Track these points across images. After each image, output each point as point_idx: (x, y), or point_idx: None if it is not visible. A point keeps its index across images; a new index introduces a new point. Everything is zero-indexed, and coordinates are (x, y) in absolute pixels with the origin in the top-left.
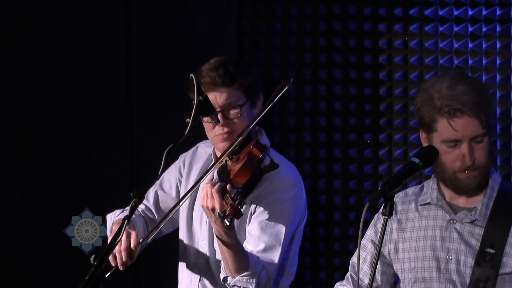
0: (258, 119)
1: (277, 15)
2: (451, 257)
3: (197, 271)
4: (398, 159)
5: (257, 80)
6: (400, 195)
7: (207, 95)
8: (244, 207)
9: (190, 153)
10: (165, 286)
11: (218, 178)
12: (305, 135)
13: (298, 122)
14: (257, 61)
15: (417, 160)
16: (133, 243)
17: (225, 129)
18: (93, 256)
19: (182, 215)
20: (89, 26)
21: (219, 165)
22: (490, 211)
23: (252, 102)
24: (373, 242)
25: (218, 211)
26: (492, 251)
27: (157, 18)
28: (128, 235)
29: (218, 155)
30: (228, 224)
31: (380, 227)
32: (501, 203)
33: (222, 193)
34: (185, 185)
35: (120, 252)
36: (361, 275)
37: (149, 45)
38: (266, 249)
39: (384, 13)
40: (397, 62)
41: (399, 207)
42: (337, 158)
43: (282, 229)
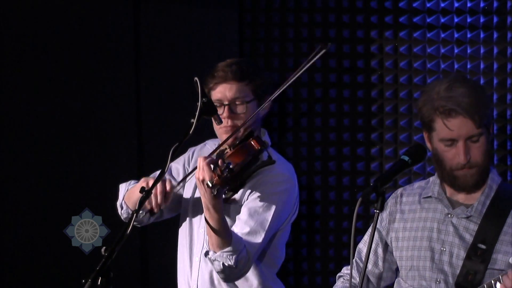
0: (285, 87)
1: (275, 22)
2: (445, 249)
3: (196, 258)
4: (389, 157)
5: (268, 83)
6: (407, 188)
7: (210, 98)
8: (238, 195)
9: (198, 147)
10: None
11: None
12: (302, 135)
13: (295, 122)
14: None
15: (406, 158)
16: (168, 186)
17: (229, 122)
18: (104, 248)
19: (184, 206)
20: (99, 29)
21: (219, 151)
22: (486, 209)
23: (260, 102)
24: (377, 229)
25: (207, 181)
26: (483, 246)
27: (164, 24)
28: (164, 181)
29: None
30: (215, 194)
31: (385, 216)
32: (497, 202)
33: (213, 165)
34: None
35: (156, 195)
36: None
37: (156, 48)
38: (250, 233)
39: (375, 20)
40: (388, 66)
41: (404, 198)
42: (332, 156)
43: (269, 218)
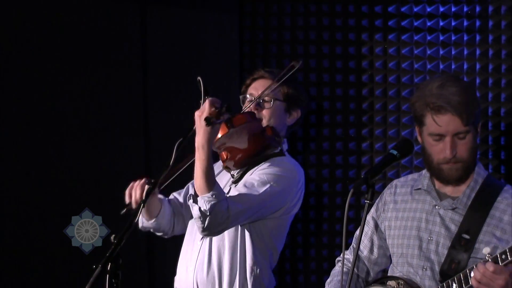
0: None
1: (273, 26)
2: (432, 238)
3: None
4: (379, 151)
5: (300, 96)
6: (402, 180)
7: (212, 96)
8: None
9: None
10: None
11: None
12: (298, 130)
13: None
14: (255, 66)
15: (395, 152)
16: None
17: (256, 113)
18: (113, 235)
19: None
20: (109, 32)
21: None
22: (471, 202)
23: (288, 107)
24: (372, 218)
25: (205, 115)
26: (467, 237)
27: (170, 27)
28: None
29: None
30: (208, 125)
31: (380, 205)
32: (481, 195)
33: (213, 103)
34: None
35: (135, 189)
36: (361, 247)
37: (162, 49)
38: (237, 196)
39: (366, 24)
40: (378, 66)
41: (398, 189)
42: (325, 150)
43: (260, 191)
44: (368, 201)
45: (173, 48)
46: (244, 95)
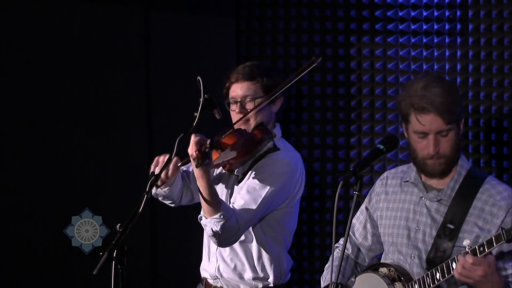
0: (281, 91)
1: (268, 29)
2: (419, 228)
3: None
4: (366, 146)
5: (277, 81)
6: (392, 172)
7: (210, 95)
8: (245, 178)
9: None
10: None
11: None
12: (290, 127)
13: (285, 116)
14: None
15: (381, 147)
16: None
17: (238, 117)
18: (119, 224)
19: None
20: (114, 32)
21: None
22: (455, 193)
23: (270, 99)
24: (366, 208)
25: (194, 156)
26: (451, 226)
27: (172, 29)
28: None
29: None
30: (198, 166)
31: (373, 196)
32: (465, 187)
33: (199, 143)
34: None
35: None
36: (357, 234)
37: (164, 51)
38: (243, 206)
39: (354, 27)
40: (365, 67)
41: (389, 181)
42: (317, 145)
43: (263, 194)
44: (356, 192)
45: (175, 49)
46: (227, 101)
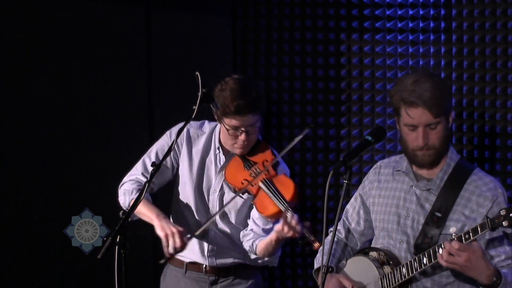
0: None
1: (262, 27)
2: (409, 215)
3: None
4: (355, 137)
5: (264, 99)
6: (385, 161)
7: (209, 89)
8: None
9: (183, 135)
10: None
11: (265, 187)
12: (284, 119)
13: (279, 108)
14: (247, 62)
15: (370, 138)
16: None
17: (245, 142)
18: (122, 211)
19: (189, 188)
20: (117, 31)
21: (262, 175)
22: (443, 184)
23: (262, 117)
24: (360, 194)
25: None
26: (439, 214)
27: (171, 27)
28: (180, 233)
29: (226, 148)
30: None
31: (367, 183)
32: (453, 178)
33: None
34: (185, 159)
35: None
36: (350, 219)
37: (165, 48)
38: (270, 229)
39: (344, 25)
40: (355, 62)
41: (382, 170)
42: (308, 136)
43: None
44: (346, 181)
45: (175, 46)
46: (227, 126)
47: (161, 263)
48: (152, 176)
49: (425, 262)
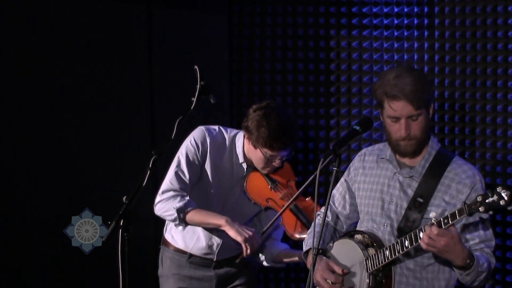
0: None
1: (257, 24)
2: (392, 200)
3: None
4: (344, 127)
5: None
6: (370, 149)
7: (206, 82)
8: None
9: (212, 142)
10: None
11: (295, 211)
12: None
13: (272, 99)
14: (242, 56)
15: (357, 128)
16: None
17: (274, 166)
18: (125, 197)
19: (209, 185)
20: (120, 27)
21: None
22: (425, 171)
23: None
24: (346, 180)
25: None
26: (421, 200)
27: (172, 24)
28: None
29: (249, 161)
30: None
31: (352, 170)
32: (434, 165)
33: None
34: (208, 164)
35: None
36: (336, 204)
37: (165, 45)
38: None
39: (334, 22)
40: (343, 57)
41: (366, 157)
42: (300, 126)
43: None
44: (335, 168)
45: (175, 42)
46: (271, 153)
47: (237, 262)
48: (153, 164)
49: (407, 245)
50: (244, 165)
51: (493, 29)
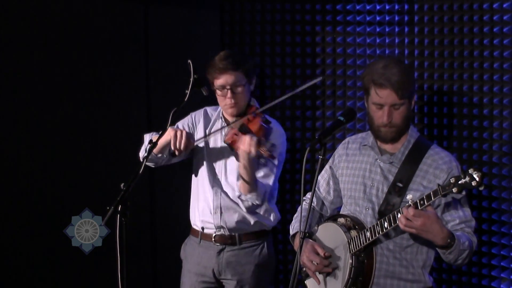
0: (283, 99)
1: (247, 20)
2: (373, 185)
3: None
4: (329, 118)
5: (253, 66)
6: (353, 137)
7: (199, 75)
8: None
9: (200, 112)
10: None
11: (240, 132)
12: (266, 102)
13: (261, 92)
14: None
15: (342, 118)
16: (192, 140)
17: (232, 101)
18: (123, 184)
19: (202, 155)
20: (116, 25)
21: (237, 123)
22: (404, 158)
23: (250, 82)
24: (330, 167)
25: (253, 153)
26: (400, 185)
27: (166, 21)
28: (188, 134)
29: (226, 117)
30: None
31: (336, 157)
32: (413, 152)
33: (259, 143)
34: (200, 133)
35: (180, 142)
36: (321, 189)
37: (161, 38)
38: (263, 176)
39: (319, 19)
40: (328, 52)
41: (349, 145)
42: (288, 117)
43: (275, 163)
44: (321, 156)
45: (170, 37)
46: (213, 87)
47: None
48: (149, 152)
49: (386, 226)
50: (221, 119)
51: (469, 25)
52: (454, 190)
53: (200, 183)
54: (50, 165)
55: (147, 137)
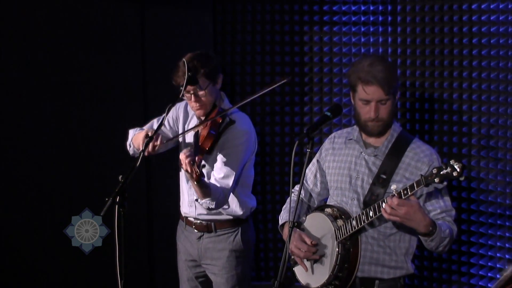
0: (251, 99)
1: (239, 20)
2: (359, 176)
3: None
4: (316, 113)
5: (216, 66)
6: (339, 132)
7: (193, 73)
8: (213, 152)
9: (182, 104)
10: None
11: (193, 140)
12: (257, 99)
13: (252, 89)
14: (225, 50)
15: (328, 113)
16: (158, 141)
17: (197, 104)
18: (121, 176)
19: (180, 150)
20: (114, 23)
21: (200, 125)
22: (388, 151)
23: (214, 82)
24: (317, 160)
25: (190, 174)
26: (384, 176)
27: (162, 21)
28: (157, 135)
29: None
30: (197, 182)
31: (323, 151)
32: (396, 146)
33: (193, 162)
34: (181, 128)
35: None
36: (309, 182)
37: (157, 37)
38: (224, 177)
39: (307, 19)
40: (316, 50)
41: (335, 139)
42: (277, 112)
43: (236, 163)
44: (309, 150)
45: (165, 37)
46: (181, 94)
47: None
48: (146, 145)
49: (371, 214)
50: (194, 118)
51: (449, 25)
52: (436, 180)
53: (180, 176)
54: (50, 165)
55: (131, 133)
